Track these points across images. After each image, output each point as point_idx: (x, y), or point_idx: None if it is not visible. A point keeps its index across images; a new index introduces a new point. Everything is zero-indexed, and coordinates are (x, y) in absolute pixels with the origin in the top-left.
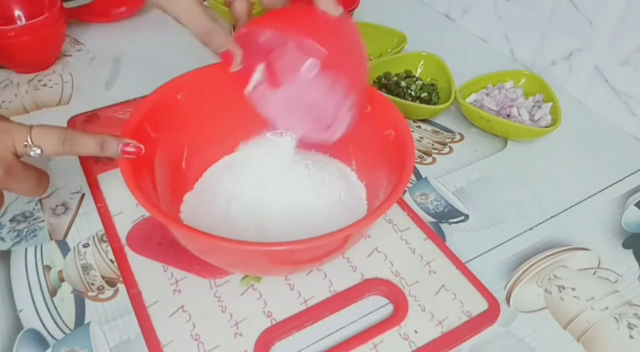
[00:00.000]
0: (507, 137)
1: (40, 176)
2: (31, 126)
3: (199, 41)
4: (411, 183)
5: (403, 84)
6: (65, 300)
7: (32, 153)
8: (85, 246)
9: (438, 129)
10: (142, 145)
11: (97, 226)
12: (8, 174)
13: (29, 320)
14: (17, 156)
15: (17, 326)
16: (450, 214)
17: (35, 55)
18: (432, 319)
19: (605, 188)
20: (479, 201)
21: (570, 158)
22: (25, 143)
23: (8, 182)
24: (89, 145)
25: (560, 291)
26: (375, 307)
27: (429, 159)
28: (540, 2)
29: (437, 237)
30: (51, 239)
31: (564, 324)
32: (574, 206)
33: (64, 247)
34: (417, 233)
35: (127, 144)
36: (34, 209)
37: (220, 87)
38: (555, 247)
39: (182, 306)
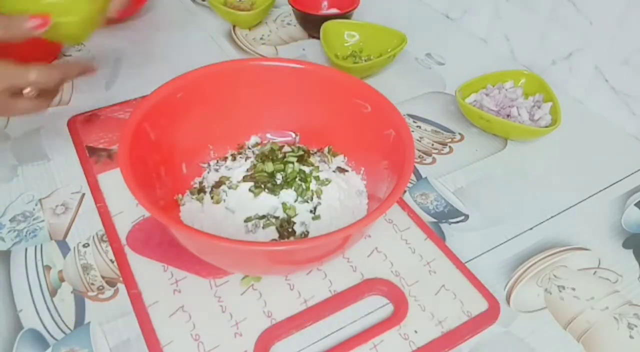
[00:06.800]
0: (507, 137)
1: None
2: None
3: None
4: (411, 183)
5: None
6: (65, 300)
7: None
8: (85, 246)
9: (438, 129)
10: (49, 15)
11: (97, 226)
12: None
13: (29, 320)
14: None
15: (17, 326)
16: (450, 214)
17: (35, 55)
18: (432, 319)
19: (605, 188)
20: (479, 201)
21: (571, 158)
22: None
23: None
24: None
25: (560, 291)
26: (375, 307)
27: (429, 159)
28: (540, 2)
29: (437, 237)
30: (51, 239)
31: (564, 324)
32: (574, 205)
33: (64, 247)
34: (417, 233)
35: (33, 17)
36: (34, 209)
37: (220, 87)
38: (555, 247)
39: (182, 306)
